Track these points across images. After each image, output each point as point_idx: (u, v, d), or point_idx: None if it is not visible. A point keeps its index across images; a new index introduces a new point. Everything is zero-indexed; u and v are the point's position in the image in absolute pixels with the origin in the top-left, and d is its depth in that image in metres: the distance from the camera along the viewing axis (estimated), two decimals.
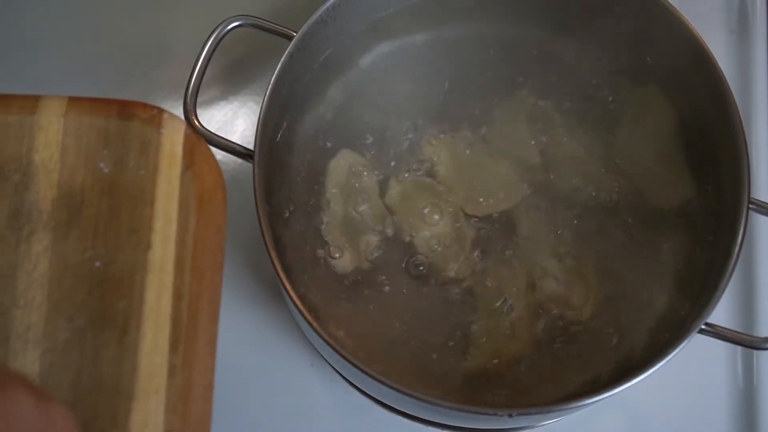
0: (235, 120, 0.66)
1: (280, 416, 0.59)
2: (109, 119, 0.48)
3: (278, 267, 0.49)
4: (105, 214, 0.47)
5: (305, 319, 0.48)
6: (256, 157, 0.51)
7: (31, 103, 0.48)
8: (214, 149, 0.55)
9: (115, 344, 0.45)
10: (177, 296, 0.46)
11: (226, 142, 0.53)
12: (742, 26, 0.71)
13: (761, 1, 0.71)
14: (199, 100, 0.53)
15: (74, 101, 0.49)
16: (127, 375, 0.45)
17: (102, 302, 0.46)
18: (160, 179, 0.48)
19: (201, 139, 0.49)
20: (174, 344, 0.45)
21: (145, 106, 0.49)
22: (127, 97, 0.66)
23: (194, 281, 0.46)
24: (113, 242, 0.46)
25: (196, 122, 0.53)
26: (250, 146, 0.52)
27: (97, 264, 0.46)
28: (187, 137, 0.48)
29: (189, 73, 0.53)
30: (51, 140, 0.48)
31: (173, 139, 0.48)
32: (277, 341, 0.61)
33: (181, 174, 0.48)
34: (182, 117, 0.52)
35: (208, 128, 0.53)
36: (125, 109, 0.49)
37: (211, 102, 0.66)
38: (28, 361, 0.45)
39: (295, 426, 0.59)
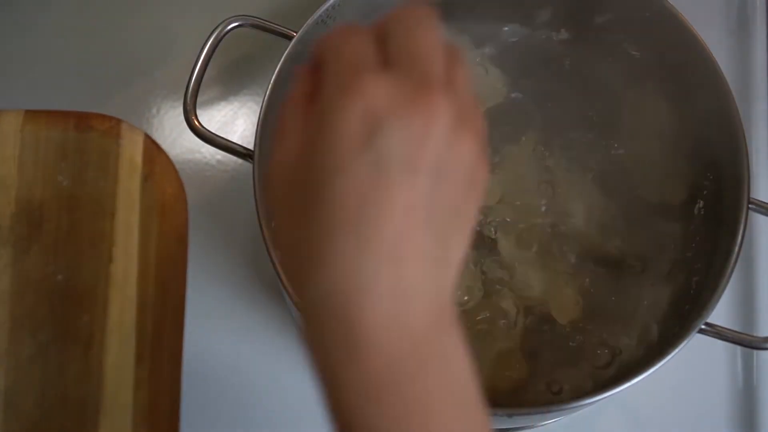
0: (235, 120, 0.66)
1: (280, 416, 0.59)
2: (67, 132, 0.48)
3: (278, 267, 0.49)
4: (65, 227, 0.47)
5: None
6: (256, 157, 0.51)
7: None
8: (214, 149, 0.55)
9: (79, 359, 0.45)
10: (141, 309, 0.45)
11: (226, 142, 0.53)
12: (742, 26, 0.71)
13: (761, 1, 0.71)
14: (199, 100, 0.53)
15: (31, 114, 0.48)
16: (92, 389, 0.45)
17: (65, 317, 0.45)
18: (120, 191, 0.47)
19: (160, 148, 0.48)
20: (139, 357, 0.45)
21: (103, 117, 0.48)
22: (127, 97, 0.66)
23: (158, 293, 0.46)
24: (75, 256, 0.46)
25: (196, 122, 0.52)
26: (250, 146, 0.52)
27: (59, 278, 0.46)
28: (146, 147, 0.48)
29: (189, 73, 0.53)
30: (8, 155, 0.47)
31: (132, 150, 0.48)
32: (277, 341, 0.61)
33: (141, 185, 0.47)
34: (182, 117, 0.53)
35: (208, 128, 0.53)
36: (82, 121, 0.48)
37: (211, 102, 0.66)
38: None
39: (295, 426, 0.59)
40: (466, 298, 0.55)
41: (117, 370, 0.45)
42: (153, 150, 0.48)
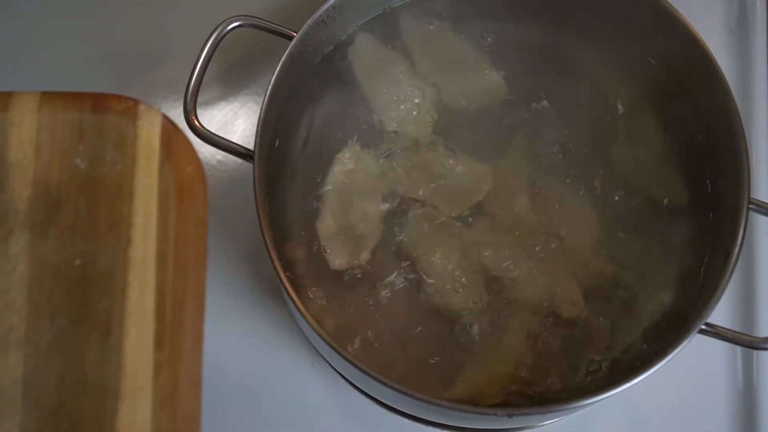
0: (235, 120, 0.66)
1: (280, 416, 0.59)
2: (84, 113, 0.47)
3: (278, 266, 0.49)
4: (83, 210, 0.46)
5: (305, 318, 0.48)
6: (256, 157, 0.51)
7: (3, 99, 0.47)
8: (214, 149, 0.56)
9: (98, 344, 0.45)
10: (160, 292, 0.45)
11: (226, 142, 0.53)
12: (742, 26, 0.71)
13: (761, 1, 0.71)
14: (199, 100, 0.53)
15: (47, 96, 0.47)
16: (112, 374, 0.44)
17: (83, 301, 0.45)
18: (139, 173, 0.46)
19: (179, 129, 0.47)
20: (159, 341, 0.44)
21: (120, 98, 0.47)
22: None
23: (177, 276, 0.45)
24: (93, 239, 0.45)
25: (196, 122, 0.53)
26: (250, 146, 0.52)
27: (77, 262, 0.45)
28: (164, 128, 0.47)
29: (189, 73, 0.53)
30: (25, 137, 0.46)
31: (150, 131, 0.47)
32: (277, 341, 0.61)
33: (159, 166, 0.46)
34: (182, 117, 0.53)
35: (208, 128, 0.53)
36: (99, 102, 0.47)
37: (211, 102, 0.66)
38: (11, 364, 0.44)
39: (295, 426, 0.59)
40: (467, 298, 0.55)
41: (136, 355, 0.45)
42: (171, 131, 0.47)
